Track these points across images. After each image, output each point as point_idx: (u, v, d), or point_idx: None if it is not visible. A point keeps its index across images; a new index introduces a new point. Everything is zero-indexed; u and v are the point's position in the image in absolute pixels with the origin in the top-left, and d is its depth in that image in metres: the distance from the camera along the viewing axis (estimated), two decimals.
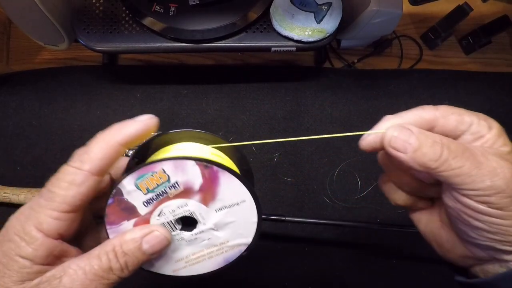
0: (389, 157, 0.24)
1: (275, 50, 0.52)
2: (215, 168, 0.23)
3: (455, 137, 0.23)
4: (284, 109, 0.60)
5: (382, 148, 0.23)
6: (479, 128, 0.23)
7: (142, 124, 0.23)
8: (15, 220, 0.21)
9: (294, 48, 0.52)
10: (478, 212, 0.21)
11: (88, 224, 0.26)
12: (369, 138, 0.24)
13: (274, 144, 0.59)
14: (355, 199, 0.56)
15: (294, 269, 0.54)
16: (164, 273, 0.26)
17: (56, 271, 0.21)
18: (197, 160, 0.23)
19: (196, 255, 0.26)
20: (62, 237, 0.22)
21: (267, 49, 0.52)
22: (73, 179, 0.21)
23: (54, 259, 0.22)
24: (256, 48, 0.52)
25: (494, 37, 0.63)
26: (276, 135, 0.59)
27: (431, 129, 0.23)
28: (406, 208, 0.28)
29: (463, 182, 0.21)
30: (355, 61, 0.65)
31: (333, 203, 0.56)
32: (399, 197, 0.27)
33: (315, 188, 0.57)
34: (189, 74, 0.62)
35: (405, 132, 0.22)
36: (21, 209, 0.22)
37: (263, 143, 0.28)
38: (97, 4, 0.52)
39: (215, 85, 0.61)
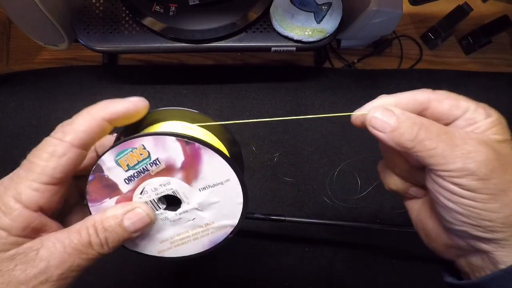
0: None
1: (275, 50, 0.52)
2: (196, 145, 0.22)
3: (448, 121, 0.24)
4: (284, 109, 0.60)
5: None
6: (474, 115, 0.23)
7: (131, 104, 0.23)
8: None
9: (294, 48, 0.52)
10: (452, 193, 0.22)
11: (73, 203, 0.26)
12: (358, 117, 0.26)
13: (274, 144, 0.59)
14: (355, 199, 0.56)
15: (294, 269, 0.54)
16: (149, 254, 0.26)
17: (33, 243, 0.21)
18: (178, 136, 0.22)
19: (181, 236, 0.25)
20: (41, 209, 0.21)
21: (267, 49, 0.52)
22: (54, 150, 0.21)
23: (32, 232, 0.21)
24: (256, 48, 0.52)
25: (494, 37, 0.63)
26: (276, 135, 0.59)
27: (423, 110, 0.24)
28: (399, 194, 0.28)
29: (437, 162, 0.22)
30: (355, 61, 0.65)
31: (333, 203, 0.56)
32: (393, 181, 0.28)
33: (315, 188, 0.57)
34: (189, 74, 0.62)
35: (386, 113, 0.23)
36: (1, 180, 0.22)
37: (251, 122, 0.28)
38: (97, 4, 0.52)
39: (215, 85, 0.61)
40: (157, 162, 0.23)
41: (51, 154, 0.21)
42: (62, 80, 0.60)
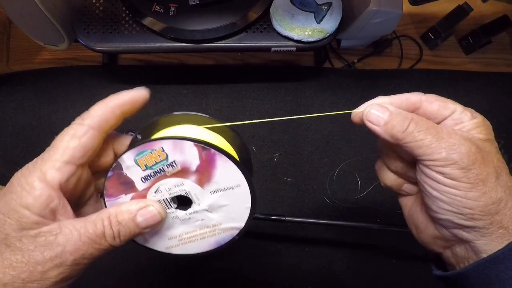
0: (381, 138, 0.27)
1: (275, 50, 0.52)
2: (212, 151, 0.24)
3: (437, 121, 0.26)
4: (284, 109, 0.60)
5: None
6: (461, 115, 0.26)
7: (136, 92, 0.25)
8: (19, 174, 0.23)
9: (294, 48, 0.52)
10: (437, 182, 0.24)
11: (89, 197, 0.27)
12: (357, 114, 0.28)
13: (274, 144, 0.59)
14: (355, 199, 0.57)
15: (294, 269, 0.54)
16: (157, 249, 0.27)
17: (53, 227, 0.22)
18: (196, 141, 0.23)
19: (189, 235, 0.27)
20: (61, 188, 0.23)
21: (267, 49, 0.52)
22: (74, 132, 0.23)
23: (50, 213, 0.22)
24: (256, 48, 0.52)
25: (494, 37, 0.63)
26: (276, 135, 0.59)
27: (415, 110, 0.27)
28: (394, 190, 0.30)
29: (424, 153, 0.24)
30: (355, 61, 0.65)
31: (333, 203, 0.56)
32: (388, 177, 0.30)
33: (315, 188, 0.57)
34: (189, 74, 0.62)
35: (380, 109, 0.26)
36: (27, 165, 0.23)
37: (264, 122, 0.29)
38: (97, 4, 0.52)
39: (215, 85, 0.61)
40: (174, 164, 0.24)
41: (72, 136, 0.23)
42: (62, 80, 0.60)
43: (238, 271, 0.54)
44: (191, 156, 0.24)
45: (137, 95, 0.25)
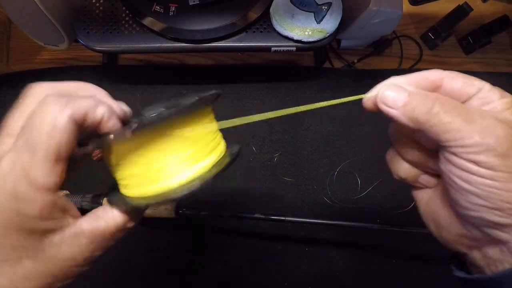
0: (397, 124, 0.24)
1: (275, 50, 0.52)
2: None
3: (463, 101, 0.23)
4: (284, 109, 0.60)
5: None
6: (489, 94, 0.22)
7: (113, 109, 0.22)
8: None
9: (294, 48, 0.52)
10: (468, 172, 0.20)
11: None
12: (370, 98, 0.25)
13: (274, 144, 0.59)
14: (355, 199, 0.56)
15: (294, 269, 0.54)
16: None
17: (74, 228, 0.22)
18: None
19: None
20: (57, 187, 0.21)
21: (267, 49, 0.52)
22: (54, 122, 0.20)
23: (60, 212, 0.21)
24: (256, 48, 0.52)
25: (494, 37, 0.63)
26: (276, 135, 0.59)
27: (435, 89, 0.23)
28: (409, 182, 0.27)
29: (453, 137, 0.20)
30: (355, 61, 0.65)
31: (333, 203, 0.56)
32: (402, 168, 0.26)
33: (315, 188, 0.57)
34: (189, 74, 0.62)
35: (396, 89, 0.23)
36: (2, 173, 0.20)
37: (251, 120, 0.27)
38: (97, 4, 0.52)
39: (215, 85, 0.61)
40: None
41: (53, 127, 0.19)
42: (62, 80, 0.59)
43: (238, 271, 0.54)
44: None
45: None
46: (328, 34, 0.51)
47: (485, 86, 0.23)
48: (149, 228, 0.54)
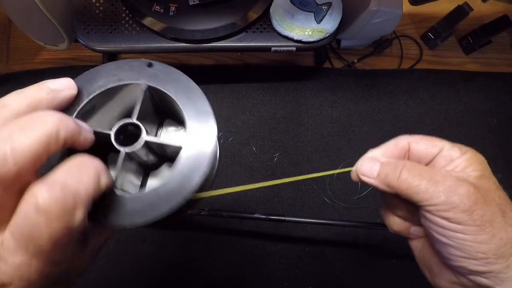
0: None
1: (275, 50, 0.52)
2: None
3: (428, 160, 0.26)
4: (284, 109, 0.60)
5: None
6: (450, 152, 0.25)
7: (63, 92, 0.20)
8: None
9: (294, 48, 0.52)
10: (442, 227, 0.23)
11: None
12: (353, 172, 0.28)
13: (274, 144, 0.59)
14: (355, 199, 0.56)
15: (294, 269, 0.54)
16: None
17: None
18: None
19: None
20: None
21: (267, 49, 0.52)
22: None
23: None
24: (256, 48, 0.52)
25: (494, 37, 0.63)
26: (276, 135, 0.59)
27: (405, 153, 0.27)
28: (403, 235, 0.29)
29: (423, 198, 0.23)
30: (355, 61, 0.65)
31: (333, 203, 0.56)
32: (394, 222, 0.29)
33: (315, 188, 0.57)
34: (189, 74, 0.62)
35: (370, 162, 0.26)
36: None
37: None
38: (97, 4, 0.52)
39: (215, 85, 0.61)
40: None
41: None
42: None
43: (238, 271, 0.54)
44: None
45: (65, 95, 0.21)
46: (328, 34, 0.51)
47: (445, 145, 0.26)
48: (149, 228, 0.54)
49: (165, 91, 0.22)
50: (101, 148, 0.21)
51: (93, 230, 0.21)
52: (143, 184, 0.26)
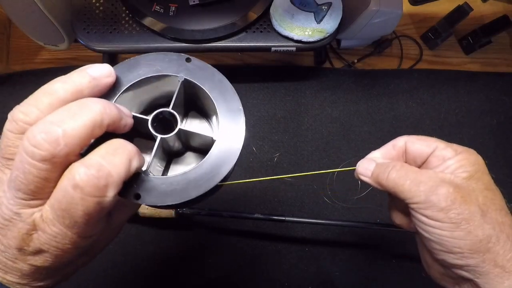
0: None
1: (275, 50, 0.52)
2: None
3: (423, 160, 0.28)
4: (284, 109, 0.60)
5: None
6: (443, 152, 0.27)
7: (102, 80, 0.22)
8: None
9: (294, 48, 0.52)
10: (423, 223, 0.25)
11: None
12: (355, 173, 0.30)
13: (274, 144, 0.59)
14: (355, 199, 0.56)
15: (294, 269, 0.54)
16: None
17: None
18: None
19: None
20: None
21: (267, 49, 0.52)
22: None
23: None
24: (256, 48, 0.52)
25: (494, 37, 0.63)
26: (276, 135, 0.59)
27: (403, 153, 0.29)
28: (405, 228, 0.31)
29: (406, 196, 0.26)
30: (355, 61, 0.65)
31: (333, 203, 0.56)
32: (397, 216, 0.31)
33: (315, 188, 0.57)
34: None
35: (367, 162, 0.29)
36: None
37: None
38: (97, 4, 0.52)
39: None
40: None
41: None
42: None
43: (238, 271, 0.54)
44: None
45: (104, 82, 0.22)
46: (328, 34, 0.51)
47: (439, 144, 0.27)
48: (149, 228, 0.54)
49: (201, 86, 0.25)
50: (131, 130, 0.23)
51: (119, 207, 0.24)
52: (165, 170, 0.28)
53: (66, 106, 0.19)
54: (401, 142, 0.29)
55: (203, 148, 0.24)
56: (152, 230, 0.54)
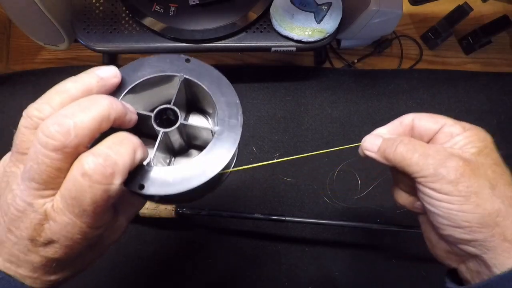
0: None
1: (275, 50, 0.52)
2: None
3: (430, 136, 0.28)
4: (284, 109, 0.60)
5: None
6: (451, 128, 0.26)
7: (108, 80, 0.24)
8: None
9: (294, 48, 0.52)
10: (431, 198, 0.25)
11: None
12: (360, 149, 0.30)
13: (274, 144, 0.59)
14: (355, 199, 0.56)
15: (294, 269, 0.54)
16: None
17: None
18: None
19: None
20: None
21: (267, 49, 0.52)
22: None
23: None
24: (256, 48, 0.52)
25: (494, 37, 0.63)
26: (276, 135, 0.59)
27: (410, 130, 0.29)
28: (409, 209, 0.31)
29: (414, 170, 0.25)
30: (355, 61, 0.65)
31: (333, 203, 0.56)
32: (401, 196, 0.31)
33: (315, 188, 0.57)
34: None
35: (374, 138, 0.29)
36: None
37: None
38: (97, 4, 0.52)
39: None
40: None
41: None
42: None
43: (238, 271, 0.54)
44: None
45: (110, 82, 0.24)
46: (328, 34, 0.51)
47: (448, 121, 0.27)
48: (149, 228, 0.54)
49: (200, 83, 0.26)
50: (135, 131, 0.24)
51: (124, 203, 0.25)
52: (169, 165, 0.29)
53: (77, 101, 0.21)
54: (409, 118, 0.29)
55: (204, 145, 0.25)
56: (152, 230, 0.54)
